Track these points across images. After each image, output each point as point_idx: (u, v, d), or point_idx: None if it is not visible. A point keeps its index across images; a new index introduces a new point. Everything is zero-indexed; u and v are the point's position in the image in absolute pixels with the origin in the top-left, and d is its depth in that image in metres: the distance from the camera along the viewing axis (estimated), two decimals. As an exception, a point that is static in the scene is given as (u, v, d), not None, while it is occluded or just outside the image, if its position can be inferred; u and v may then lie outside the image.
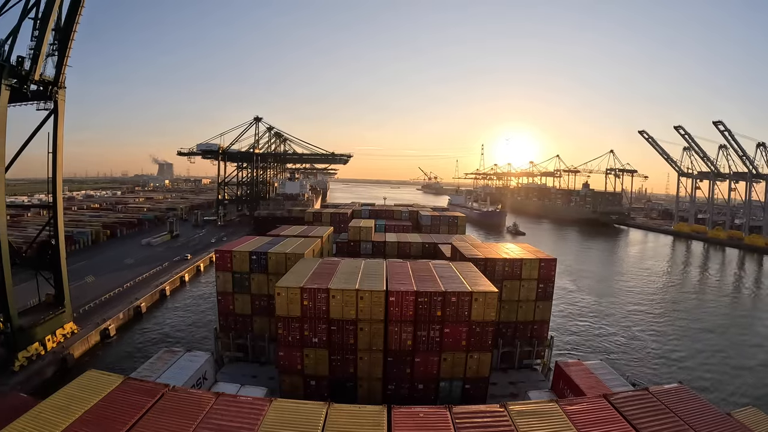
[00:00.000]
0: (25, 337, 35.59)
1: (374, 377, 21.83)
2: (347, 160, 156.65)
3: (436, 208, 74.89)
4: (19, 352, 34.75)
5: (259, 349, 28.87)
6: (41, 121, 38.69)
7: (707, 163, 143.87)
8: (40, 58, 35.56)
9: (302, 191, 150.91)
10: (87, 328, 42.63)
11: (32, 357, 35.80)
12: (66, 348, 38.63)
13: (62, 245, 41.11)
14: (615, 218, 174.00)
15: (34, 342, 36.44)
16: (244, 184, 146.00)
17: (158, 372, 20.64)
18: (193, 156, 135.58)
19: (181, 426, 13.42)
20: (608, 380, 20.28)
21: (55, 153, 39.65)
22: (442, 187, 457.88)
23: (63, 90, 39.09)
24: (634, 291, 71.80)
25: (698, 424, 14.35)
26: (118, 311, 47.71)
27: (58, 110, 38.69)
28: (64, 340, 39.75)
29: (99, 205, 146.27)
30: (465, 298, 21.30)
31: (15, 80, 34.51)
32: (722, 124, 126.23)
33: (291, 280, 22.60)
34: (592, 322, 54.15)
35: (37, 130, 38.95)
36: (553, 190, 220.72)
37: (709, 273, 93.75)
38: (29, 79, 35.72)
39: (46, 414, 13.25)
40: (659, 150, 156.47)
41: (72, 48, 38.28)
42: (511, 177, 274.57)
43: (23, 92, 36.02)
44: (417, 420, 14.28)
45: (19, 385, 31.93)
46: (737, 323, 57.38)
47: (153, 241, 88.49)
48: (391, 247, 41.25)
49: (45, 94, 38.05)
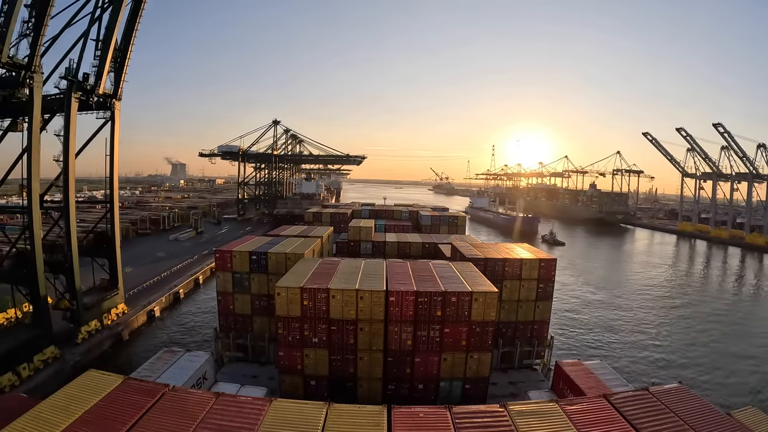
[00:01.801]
0: (86, 313, 41.28)
1: (374, 377, 21.82)
2: (361, 161, 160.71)
3: (435, 208, 74.46)
4: (82, 326, 40.33)
5: (259, 349, 28.84)
6: (98, 127, 44.32)
7: (709, 164, 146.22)
8: (103, 75, 41.33)
9: (318, 191, 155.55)
10: (135, 309, 48.66)
11: (92, 331, 41.39)
12: (119, 325, 44.57)
13: (117, 236, 47.47)
14: (621, 218, 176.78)
15: (94, 319, 42.11)
16: (262, 184, 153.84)
17: (158, 372, 20.64)
18: (214, 157, 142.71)
19: (181, 426, 13.43)
20: (608, 380, 20.28)
21: (112, 155, 45.47)
22: (454, 188, 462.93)
23: (119, 101, 44.80)
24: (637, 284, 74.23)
25: (698, 424, 14.35)
26: (160, 296, 53.52)
27: (114, 118, 44.45)
28: (117, 319, 45.51)
29: (122, 204, 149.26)
30: (465, 298, 21.28)
31: (82, 93, 39.94)
32: (722, 126, 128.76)
33: (291, 280, 22.58)
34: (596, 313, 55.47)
35: (95, 134, 44.51)
36: (561, 191, 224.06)
37: (709, 269, 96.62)
38: (94, 93, 41.13)
39: (46, 414, 13.25)
40: (662, 151, 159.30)
41: (128, 65, 44.30)
42: (521, 178, 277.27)
43: (88, 103, 41.56)
44: (417, 420, 14.28)
45: (82, 354, 37.96)
46: (736, 321, 57.63)
47: (180, 237, 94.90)
48: (391, 247, 41.24)
49: (105, 104, 43.60)
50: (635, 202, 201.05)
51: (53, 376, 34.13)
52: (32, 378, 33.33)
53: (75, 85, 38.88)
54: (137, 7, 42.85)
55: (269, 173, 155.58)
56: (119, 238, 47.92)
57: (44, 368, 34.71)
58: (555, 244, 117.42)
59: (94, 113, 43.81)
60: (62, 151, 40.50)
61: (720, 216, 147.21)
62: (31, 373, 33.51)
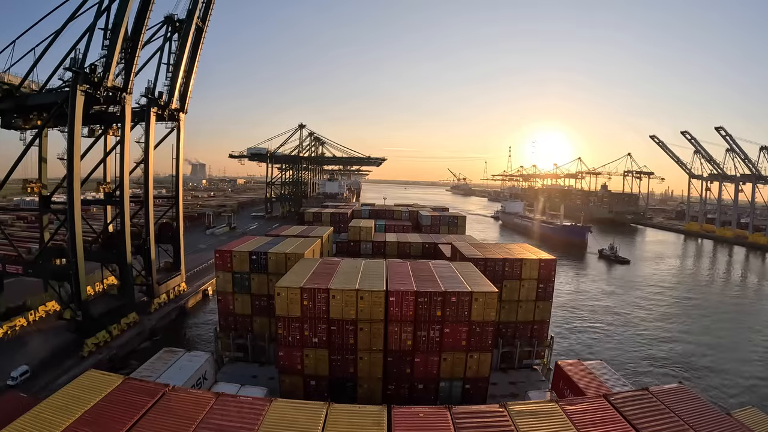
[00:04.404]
0: (158, 289, 51.29)
1: (374, 377, 21.81)
2: (381, 163, 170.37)
3: (436, 208, 73.99)
4: (154, 299, 50.51)
5: (259, 349, 28.85)
6: (165, 135, 56.30)
7: (714, 166, 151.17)
8: (175, 93, 52.03)
9: (341, 191, 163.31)
10: (192, 288, 58.85)
11: (162, 303, 51.63)
12: (181, 299, 54.65)
13: (182, 226, 58.42)
14: (630, 218, 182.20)
15: (162, 294, 52.11)
16: (287, 184, 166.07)
17: (158, 372, 20.65)
18: (243, 158, 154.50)
19: (181, 426, 13.41)
20: (608, 380, 20.27)
21: (178, 158, 56.96)
22: (471, 189, 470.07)
23: (185, 114, 55.58)
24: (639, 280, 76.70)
25: (698, 424, 14.33)
26: (211, 278, 58.86)
27: (180, 128, 55.70)
28: (180, 295, 55.63)
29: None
30: (465, 298, 21.27)
31: (157, 108, 50.71)
32: (723, 129, 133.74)
33: (291, 280, 22.57)
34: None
35: (162, 140, 56.36)
36: (574, 191, 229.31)
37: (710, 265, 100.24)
38: (166, 108, 51.78)
39: (46, 414, 13.24)
40: (669, 153, 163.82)
41: (194, 82, 55.31)
42: (537, 179, 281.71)
43: (162, 116, 52.50)
44: (417, 420, 14.26)
45: (156, 320, 47.73)
46: (735, 318, 58.55)
47: (216, 231, 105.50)
48: (391, 247, 41.22)
49: (174, 117, 54.35)
50: (646, 203, 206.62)
51: (134, 336, 43.12)
52: (119, 337, 41.94)
53: (153, 102, 49.42)
54: (198, 36, 52.71)
55: (294, 174, 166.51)
56: (183, 229, 58.54)
57: (128, 330, 43.56)
58: (617, 261, 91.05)
59: (164, 123, 54.47)
60: (143, 153, 49.56)
61: (726, 216, 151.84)
62: (118, 333, 42.14)
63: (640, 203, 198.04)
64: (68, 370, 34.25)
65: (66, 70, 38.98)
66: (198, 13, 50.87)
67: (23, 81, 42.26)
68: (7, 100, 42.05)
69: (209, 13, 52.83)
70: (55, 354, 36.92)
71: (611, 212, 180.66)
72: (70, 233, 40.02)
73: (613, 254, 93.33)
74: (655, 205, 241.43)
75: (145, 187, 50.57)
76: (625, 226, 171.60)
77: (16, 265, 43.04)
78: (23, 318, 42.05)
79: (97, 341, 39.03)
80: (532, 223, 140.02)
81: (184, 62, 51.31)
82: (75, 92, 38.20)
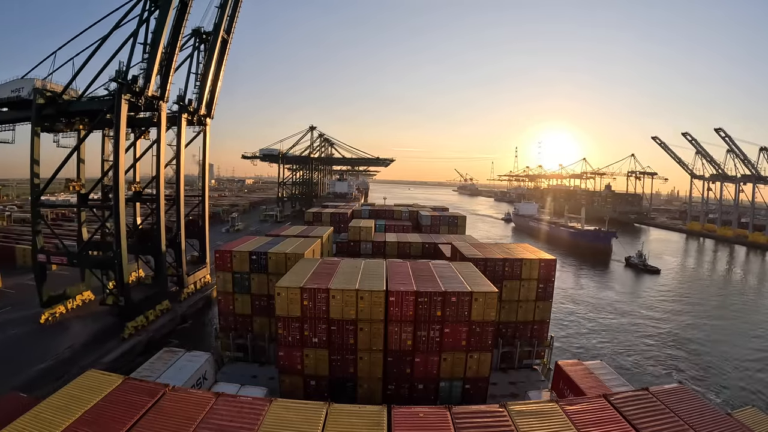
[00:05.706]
0: (187, 280, 55.71)
1: (374, 377, 21.80)
2: (389, 164, 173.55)
3: (436, 208, 73.72)
4: (184, 288, 54.75)
5: (259, 349, 28.83)
6: (192, 137, 60.07)
7: (714, 166, 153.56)
8: (203, 101, 55.81)
9: (351, 191, 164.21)
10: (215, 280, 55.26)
11: (190, 293, 55.76)
12: (207, 290, 57.78)
13: (207, 223, 62.74)
14: (634, 218, 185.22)
15: (190, 284, 56.36)
16: (298, 184, 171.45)
17: (158, 372, 20.64)
18: (255, 159, 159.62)
19: (181, 426, 13.42)
20: (608, 380, 20.27)
21: (204, 159, 61.27)
22: (478, 189, 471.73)
23: (211, 119, 59.59)
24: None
25: (698, 424, 14.33)
26: None
27: (206, 131, 60.16)
28: (206, 286, 59.01)
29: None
30: (465, 298, 21.26)
31: (188, 114, 54.96)
32: (722, 130, 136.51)
33: (291, 280, 22.55)
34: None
35: (190, 142, 60.07)
36: (578, 191, 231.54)
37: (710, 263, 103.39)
38: (195, 114, 56.02)
39: (46, 414, 13.25)
40: (671, 154, 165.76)
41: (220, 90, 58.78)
42: (542, 179, 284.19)
43: (192, 122, 57.07)
44: (417, 420, 14.27)
45: (186, 308, 51.37)
46: (735, 317, 58.33)
47: (231, 229, 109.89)
48: (391, 247, 41.21)
49: (201, 121, 58.61)
50: (650, 203, 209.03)
51: (168, 322, 46.67)
52: (155, 321, 45.52)
53: (185, 108, 54.04)
54: (223, 48, 55.58)
55: (304, 174, 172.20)
56: (208, 225, 62.96)
57: (161, 316, 46.96)
58: (646, 270, 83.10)
59: (192, 127, 58.66)
60: (175, 155, 54.33)
61: (727, 216, 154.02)
62: (153, 318, 45.55)
63: (644, 203, 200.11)
64: (111, 350, 38.44)
65: (111, 80, 42.53)
66: (224, 25, 53.90)
67: (65, 89, 45.91)
68: (50, 107, 45.24)
69: (233, 26, 55.66)
70: (97, 336, 40.71)
71: (615, 212, 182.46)
72: (115, 226, 44.26)
73: (641, 263, 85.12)
74: (660, 205, 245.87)
75: (177, 187, 54.82)
76: (629, 225, 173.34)
77: (61, 256, 47.14)
78: (62, 306, 46.05)
79: (136, 324, 42.74)
80: (549, 226, 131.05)
81: (211, 72, 54.93)
82: (120, 101, 41.70)
